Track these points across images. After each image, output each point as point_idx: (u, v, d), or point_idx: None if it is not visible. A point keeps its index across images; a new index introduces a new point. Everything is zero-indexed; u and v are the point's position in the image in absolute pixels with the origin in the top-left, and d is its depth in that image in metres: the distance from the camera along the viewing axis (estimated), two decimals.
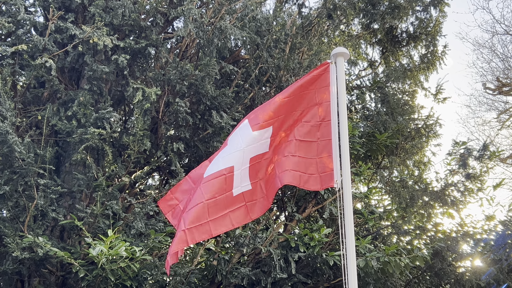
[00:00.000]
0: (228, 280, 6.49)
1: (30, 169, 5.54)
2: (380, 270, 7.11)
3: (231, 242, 6.69)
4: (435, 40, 10.57)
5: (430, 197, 8.65)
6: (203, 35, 6.84)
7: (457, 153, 8.91)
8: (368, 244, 7.14)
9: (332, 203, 7.64)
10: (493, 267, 8.37)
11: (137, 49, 6.46)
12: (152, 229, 5.89)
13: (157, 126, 6.97)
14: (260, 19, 7.65)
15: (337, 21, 9.76)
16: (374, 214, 8.05)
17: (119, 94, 6.70)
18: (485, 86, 20.29)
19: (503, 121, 20.65)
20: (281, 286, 6.79)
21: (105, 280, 5.49)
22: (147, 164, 6.80)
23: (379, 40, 10.92)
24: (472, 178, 8.60)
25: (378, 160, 9.48)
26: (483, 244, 8.76)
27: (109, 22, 6.33)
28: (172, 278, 5.99)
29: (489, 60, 19.77)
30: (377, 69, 11.09)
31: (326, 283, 7.52)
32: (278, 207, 8.17)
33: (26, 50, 5.89)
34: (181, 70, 6.59)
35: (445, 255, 8.16)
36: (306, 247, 6.84)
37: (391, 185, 9.18)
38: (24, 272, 5.59)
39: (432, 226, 8.90)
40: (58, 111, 6.16)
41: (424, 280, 8.36)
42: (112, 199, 5.99)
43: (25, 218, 5.55)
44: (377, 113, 9.57)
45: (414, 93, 10.36)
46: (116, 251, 5.19)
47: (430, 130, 9.50)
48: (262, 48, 7.61)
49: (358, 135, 8.46)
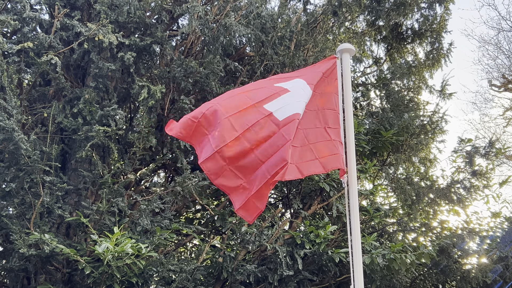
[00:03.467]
0: (234, 277, 6.50)
1: (36, 166, 5.54)
2: (386, 267, 7.12)
3: (237, 239, 6.69)
4: (440, 37, 10.55)
5: (436, 194, 8.63)
6: (208, 32, 6.84)
7: (463, 150, 8.90)
8: (373, 241, 7.14)
9: (338, 200, 7.64)
10: (499, 264, 8.36)
11: (142, 46, 6.46)
12: (158, 226, 5.89)
13: (162, 123, 6.97)
14: (265, 16, 7.64)
15: (342, 18, 9.74)
16: (380, 211, 8.05)
17: (124, 91, 6.71)
18: (490, 83, 20.26)
19: (509, 118, 20.61)
20: (287, 283, 6.79)
21: (111, 277, 5.50)
22: (153, 161, 6.81)
23: (384, 37, 10.91)
24: (478, 175, 8.58)
25: (383, 157, 9.47)
26: (489, 242, 8.75)
27: (115, 20, 6.33)
28: (178, 275, 5.99)
29: (495, 57, 19.76)
30: (382, 66, 11.07)
31: (332, 280, 7.52)
32: (284, 204, 8.17)
33: (32, 47, 5.89)
34: (186, 68, 6.59)
35: (451, 252, 8.16)
36: (312, 244, 6.85)
37: (396, 182, 9.17)
38: (30, 269, 5.60)
39: (437, 223, 8.89)
40: (64, 109, 6.17)
41: (430, 277, 8.35)
42: (118, 196, 6.00)
43: (31, 216, 5.56)
44: (382, 110, 9.56)
45: (419, 90, 10.34)
46: (122, 248, 5.19)
47: (435, 127, 9.47)
48: (267, 45, 7.60)
49: (364, 132, 8.45)
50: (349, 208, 4.20)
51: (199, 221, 7.66)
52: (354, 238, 4.10)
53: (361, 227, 8.04)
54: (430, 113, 9.71)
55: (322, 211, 8.08)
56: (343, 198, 7.68)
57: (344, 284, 7.91)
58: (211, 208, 7.14)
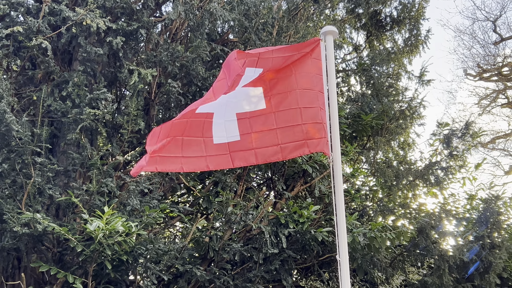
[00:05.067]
0: (221, 256, 6.68)
1: (27, 148, 5.66)
2: (367, 246, 7.35)
3: (223, 220, 6.86)
4: (419, 24, 10.79)
5: (414, 176, 8.88)
6: (193, 18, 6.97)
7: (440, 134, 9.16)
8: (355, 221, 7.36)
9: (320, 181, 7.84)
10: (475, 244, 8.62)
11: (129, 31, 6.58)
12: (146, 205, 6.04)
13: (149, 107, 7.11)
14: (248, 2, 7.79)
15: (323, 5, 9.92)
16: (360, 192, 8.28)
17: (111, 75, 6.82)
18: (466, 72, 20.61)
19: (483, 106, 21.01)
20: (271, 262, 6.99)
21: (101, 255, 5.64)
22: (140, 144, 6.94)
23: (364, 24, 11.11)
24: (454, 156, 8.85)
25: (363, 141, 9.70)
26: (465, 223, 9.01)
27: (101, 5, 6.44)
28: (167, 254, 6.15)
29: (470, 46, 20.10)
30: (361, 53, 11.29)
31: (315, 260, 7.74)
32: (268, 186, 8.36)
33: (21, 32, 5.99)
34: (173, 52, 6.73)
35: (429, 233, 8.40)
36: (296, 223, 7.05)
37: (375, 165, 9.40)
38: (22, 248, 5.72)
39: (416, 206, 9.14)
40: (53, 92, 6.28)
41: (409, 257, 8.59)
42: (107, 177, 6.14)
43: (22, 196, 5.68)
44: (362, 95, 9.78)
45: (399, 76, 10.57)
46: (113, 226, 5.34)
47: (414, 112, 9.72)
48: (250, 31, 7.76)
49: (345, 116, 8.66)
50: (333, 184, 4.38)
51: (185, 204, 7.81)
52: (339, 217, 4.29)
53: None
54: (408, 99, 9.95)
55: (305, 192, 8.29)
56: (325, 179, 7.89)
57: (326, 264, 8.15)
58: (197, 190, 7.30)
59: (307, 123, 4.55)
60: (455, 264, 8.37)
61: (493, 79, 20.05)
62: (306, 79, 4.64)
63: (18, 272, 6.06)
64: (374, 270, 7.89)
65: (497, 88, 20.28)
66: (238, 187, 7.41)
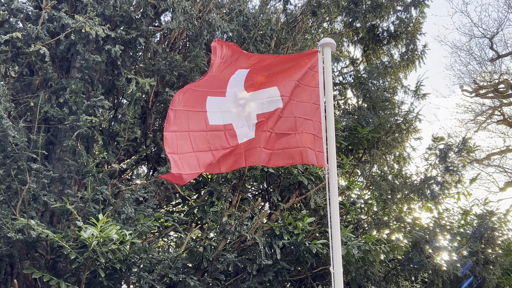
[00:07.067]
0: (214, 266, 6.66)
1: (22, 153, 5.65)
2: (361, 259, 7.34)
3: (217, 230, 6.85)
4: (415, 39, 10.82)
5: (409, 190, 8.89)
6: (192, 28, 7.00)
7: (436, 149, 9.19)
8: (349, 233, 7.35)
9: (315, 193, 7.84)
10: (469, 259, 8.63)
11: (127, 39, 6.59)
12: (141, 214, 6.03)
13: (146, 115, 7.11)
14: (247, 13, 7.84)
15: (321, 18, 9.97)
16: (355, 205, 8.28)
17: (108, 83, 6.83)
18: (462, 89, 20.70)
19: (479, 123, 21.08)
20: (265, 273, 6.97)
21: (95, 262, 5.62)
22: (136, 153, 6.94)
23: (361, 38, 11.14)
24: (450, 171, 8.87)
25: (359, 154, 9.71)
26: (459, 238, 9.02)
27: (101, 13, 6.46)
28: (160, 263, 6.13)
29: (467, 63, 20.17)
30: (358, 67, 11.32)
31: (309, 272, 7.72)
32: (263, 197, 8.36)
33: (20, 38, 6.00)
34: (171, 61, 6.75)
35: (423, 247, 8.40)
36: (290, 235, 7.04)
37: (371, 179, 9.40)
38: (15, 255, 5.69)
39: (411, 220, 9.15)
40: (50, 99, 6.28)
41: (403, 271, 8.58)
42: (102, 184, 6.13)
43: (16, 202, 5.66)
44: (358, 108, 9.80)
45: (395, 90, 10.61)
46: (108, 233, 5.32)
47: (409, 125, 9.74)
48: (248, 42, 7.79)
49: (341, 128, 8.68)
50: (329, 197, 4.39)
51: (179, 213, 7.80)
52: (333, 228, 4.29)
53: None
54: (404, 113, 9.98)
55: (300, 204, 8.29)
56: (320, 191, 7.90)
57: (320, 277, 8.12)
58: (192, 200, 7.29)
59: (302, 132, 4.58)
60: (449, 279, 8.38)
61: (489, 96, 20.13)
62: (302, 91, 4.68)
63: (10, 279, 6.02)
64: (368, 283, 7.87)
65: (493, 105, 20.36)
66: (233, 198, 7.41)
